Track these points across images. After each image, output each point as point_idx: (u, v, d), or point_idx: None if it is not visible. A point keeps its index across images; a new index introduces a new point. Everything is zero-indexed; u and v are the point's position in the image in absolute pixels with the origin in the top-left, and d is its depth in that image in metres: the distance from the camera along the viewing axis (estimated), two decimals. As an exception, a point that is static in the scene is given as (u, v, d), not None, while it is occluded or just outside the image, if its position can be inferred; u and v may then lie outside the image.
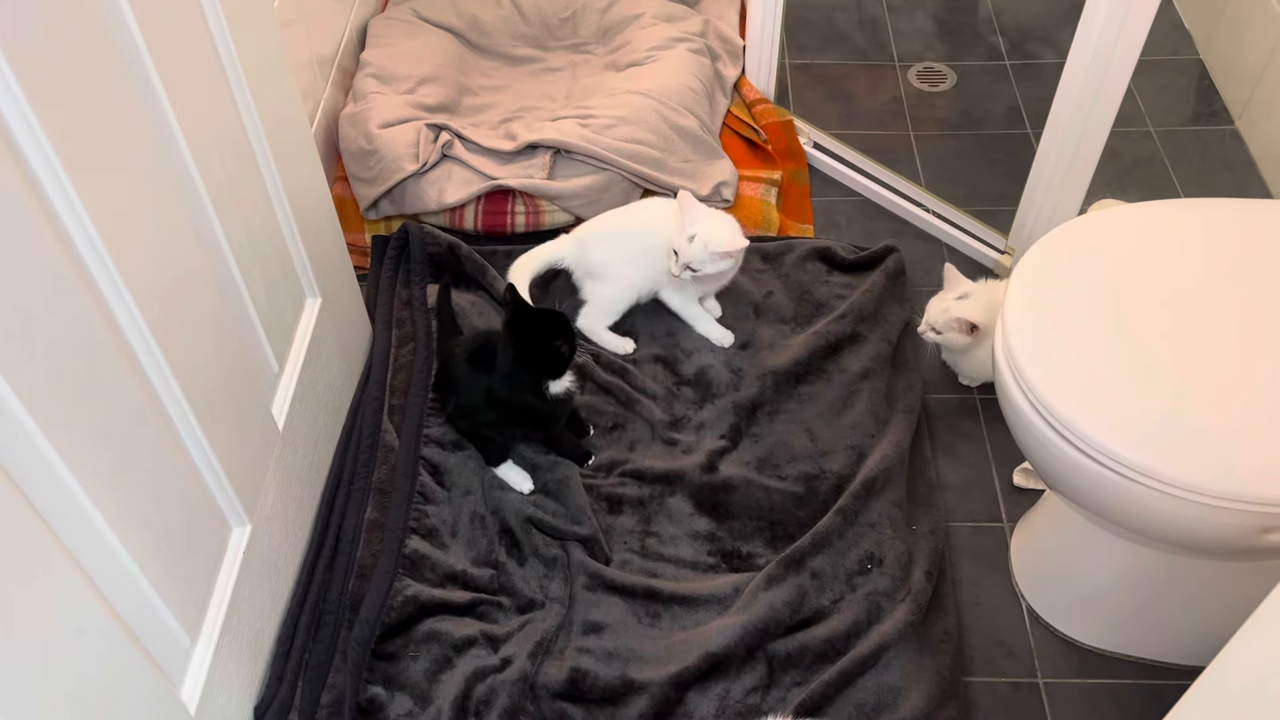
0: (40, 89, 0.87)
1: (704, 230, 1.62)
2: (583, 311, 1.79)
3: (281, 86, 1.38)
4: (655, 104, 1.99)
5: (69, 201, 0.93)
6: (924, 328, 1.67)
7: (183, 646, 1.15)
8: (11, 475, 0.84)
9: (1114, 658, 1.46)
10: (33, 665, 0.86)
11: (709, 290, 1.79)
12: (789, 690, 1.37)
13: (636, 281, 1.76)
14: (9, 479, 0.84)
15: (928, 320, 1.66)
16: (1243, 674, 0.78)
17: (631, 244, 1.74)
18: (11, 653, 0.84)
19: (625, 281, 1.76)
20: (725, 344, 1.77)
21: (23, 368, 0.85)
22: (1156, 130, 2.19)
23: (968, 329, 1.61)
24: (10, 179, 0.85)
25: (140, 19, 1.03)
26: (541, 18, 2.29)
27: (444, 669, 1.38)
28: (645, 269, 1.75)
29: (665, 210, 1.74)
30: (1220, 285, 1.27)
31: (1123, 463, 1.12)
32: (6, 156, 0.85)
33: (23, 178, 0.87)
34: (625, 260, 1.75)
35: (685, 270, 1.64)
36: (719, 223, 1.65)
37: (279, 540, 1.38)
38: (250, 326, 1.33)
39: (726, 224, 1.66)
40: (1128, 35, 1.51)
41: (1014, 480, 1.64)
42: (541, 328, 1.46)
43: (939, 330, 1.64)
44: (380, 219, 1.95)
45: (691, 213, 1.65)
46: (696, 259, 1.63)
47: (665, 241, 1.69)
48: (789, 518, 1.55)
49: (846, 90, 2.32)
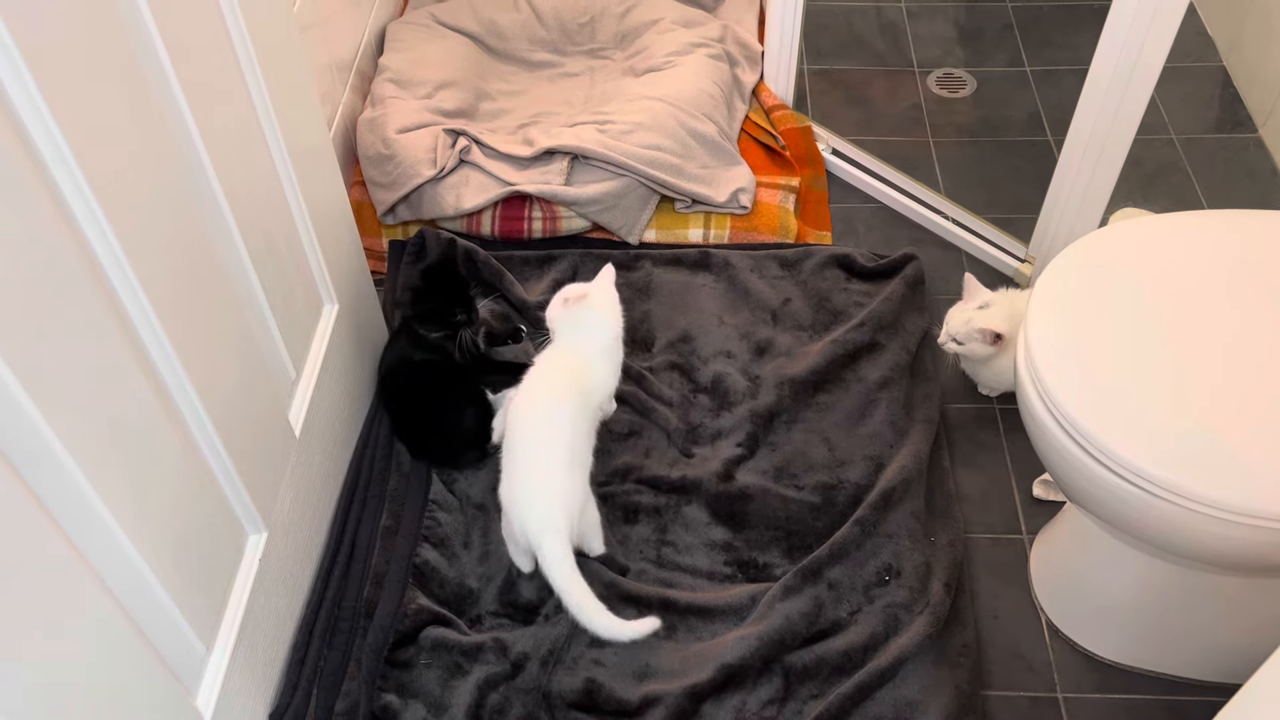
0: (60, 97, 0.87)
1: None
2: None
3: (300, 91, 1.38)
4: (673, 110, 1.98)
5: (88, 207, 0.93)
6: (944, 338, 1.65)
7: (198, 653, 1.15)
8: (27, 481, 0.84)
9: (1134, 673, 1.44)
10: (48, 670, 0.86)
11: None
12: (806, 703, 1.36)
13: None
14: (25, 485, 0.84)
15: (948, 331, 1.64)
16: None
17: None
18: (28, 657, 0.83)
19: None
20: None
21: (40, 375, 0.85)
22: (1179, 138, 2.17)
23: (991, 339, 1.60)
24: (30, 187, 0.85)
25: (161, 25, 1.03)
26: (560, 23, 2.28)
27: (456, 676, 1.38)
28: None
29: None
30: (1246, 298, 1.26)
31: (1146, 478, 1.11)
32: (28, 165, 0.85)
33: (42, 184, 0.87)
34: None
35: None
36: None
37: (294, 547, 1.38)
38: (267, 332, 1.32)
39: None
40: (1153, 42, 1.50)
41: (1034, 492, 1.63)
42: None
43: (960, 341, 1.62)
44: (398, 224, 1.95)
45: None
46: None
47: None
48: (806, 528, 1.54)
49: (865, 96, 2.31)
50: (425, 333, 1.61)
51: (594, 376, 1.50)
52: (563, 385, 1.46)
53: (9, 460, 0.82)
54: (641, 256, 1.93)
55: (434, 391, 1.61)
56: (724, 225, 1.97)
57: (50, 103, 0.86)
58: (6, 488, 0.81)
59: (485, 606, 1.46)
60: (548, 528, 1.34)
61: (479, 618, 1.45)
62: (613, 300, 1.54)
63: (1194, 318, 1.24)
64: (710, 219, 1.97)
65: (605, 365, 1.53)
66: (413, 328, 1.63)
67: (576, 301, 1.49)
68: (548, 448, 1.40)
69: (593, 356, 1.51)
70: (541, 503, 1.36)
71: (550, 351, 1.51)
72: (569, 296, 1.50)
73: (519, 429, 1.42)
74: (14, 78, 0.83)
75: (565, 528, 1.35)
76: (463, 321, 1.61)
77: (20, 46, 0.83)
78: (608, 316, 1.53)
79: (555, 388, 1.46)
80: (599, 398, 1.52)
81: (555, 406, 1.43)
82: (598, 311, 1.51)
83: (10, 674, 0.82)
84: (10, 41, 0.82)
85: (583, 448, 1.44)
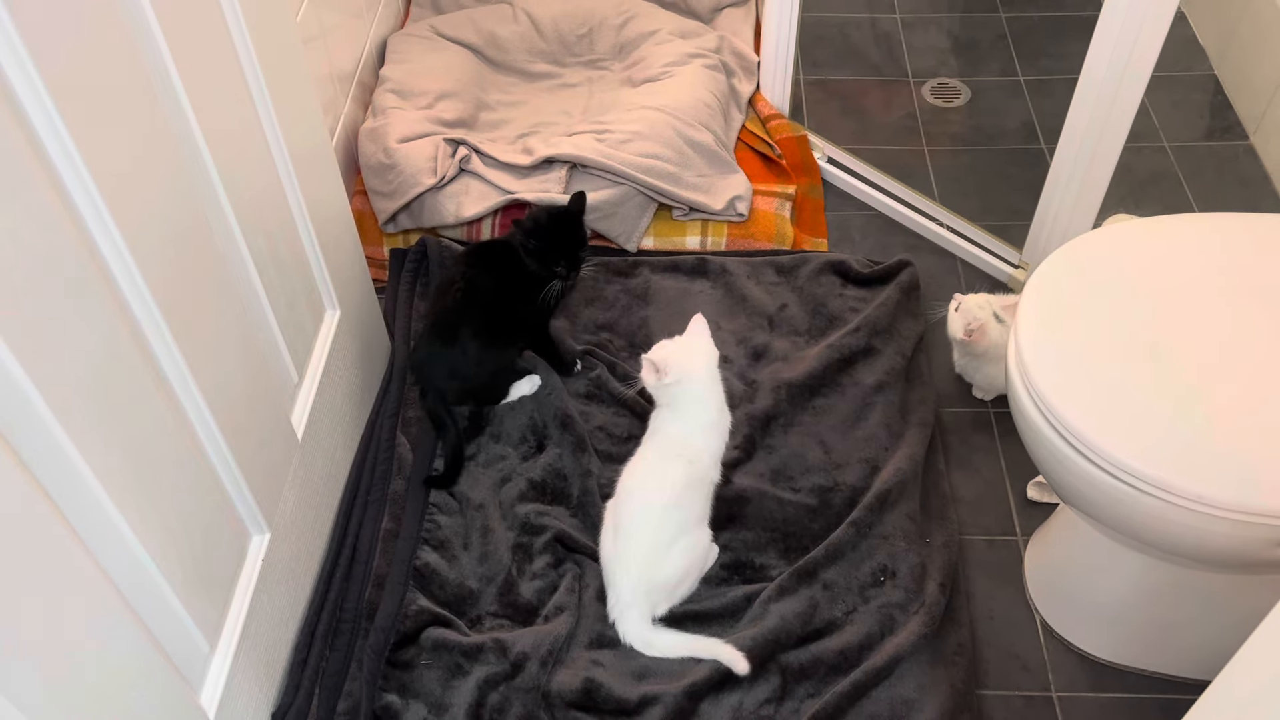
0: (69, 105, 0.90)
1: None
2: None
3: (303, 102, 1.41)
4: (671, 119, 2.01)
5: (96, 210, 0.95)
6: (955, 305, 1.69)
7: (202, 652, 1.16)
8: (39, 480, 0.86)
9: (1128, 671, 1.45)
10: (55, 668, 0.88)
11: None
12: (802, 702, 1.38)
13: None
14: (36, 484, 0.85)
15: (964, 308, 1.67)
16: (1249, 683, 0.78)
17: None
18: (35, 655, 0.85)
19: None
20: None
21: (50, 376, 0.87)
22: (1171, 145, 2.19)
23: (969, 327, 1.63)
24: (43, 194, 0.87)
25: (168, 34, 1.05)
26: (559, 34, 2.31)
27: (456, 676, 1.39)
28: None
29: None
30: (1233, 299, 1.28)
31: (1135, 475, 1.13)
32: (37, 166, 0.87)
33: (55, 190, 0.89)
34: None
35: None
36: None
37: (297, 548, 1.40)
38: (271, 337, 1.34)
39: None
40: (1141, 51, 1.52)
41: (1028, 493, 1.64)
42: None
43: (957, 309, 1.67)
44: (398, 233, 1.98)
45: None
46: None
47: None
48: (802, 530, 1.56)
49: (861, 105, 2.33)
50: (528, 263, 1.62)
51: (695, 445, 1.44)
52: (669, 454, 1.43)
53: (21, 458, 0.84)
54: (640, 263, 1.95)
55: (494, 309, 1.63)
56: (721, 233, 1.99)
57: (61, 109, 0.88)
58: (19, 486, 0.83)
59: (485, 607, 1.48)
60: (621, 607, 1.41)
61: (479, 618, 1.47)
62: (707, 366, 1.44)
63: (1181, 318, 1.26)
64: (708, 226, 1.99)
65: (709, 440, 1.45)
66: (517, 251, 1.63)
67: (667, 377, 1.41)
68: (641, 524, 1.40)
69: (692, 430, 1.44)
70: (623, 579, 1.41)
71: (656, 416, 1.47)
72: (660, 367, 1.40)
73: (624, 494, 1.44)
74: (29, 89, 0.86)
75: (641, 607, 1.41)
76: (560, 274, 1.63)
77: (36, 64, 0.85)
78: (703, 394, 1.43)
79: (659, 457, 1.44)
80: (702, 468, 1.45)
81: (657, 476, 1.42)
82: (692, 390, 1.43)
83: (27, 672, 0.83)
84: (26, 57, 0.85)
85: (683, 516, 1.42)
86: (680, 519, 1.42)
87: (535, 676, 1.38)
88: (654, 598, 1.42)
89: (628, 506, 1.43)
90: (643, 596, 1.41)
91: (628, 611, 1.41)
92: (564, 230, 1.64)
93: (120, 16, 0.99)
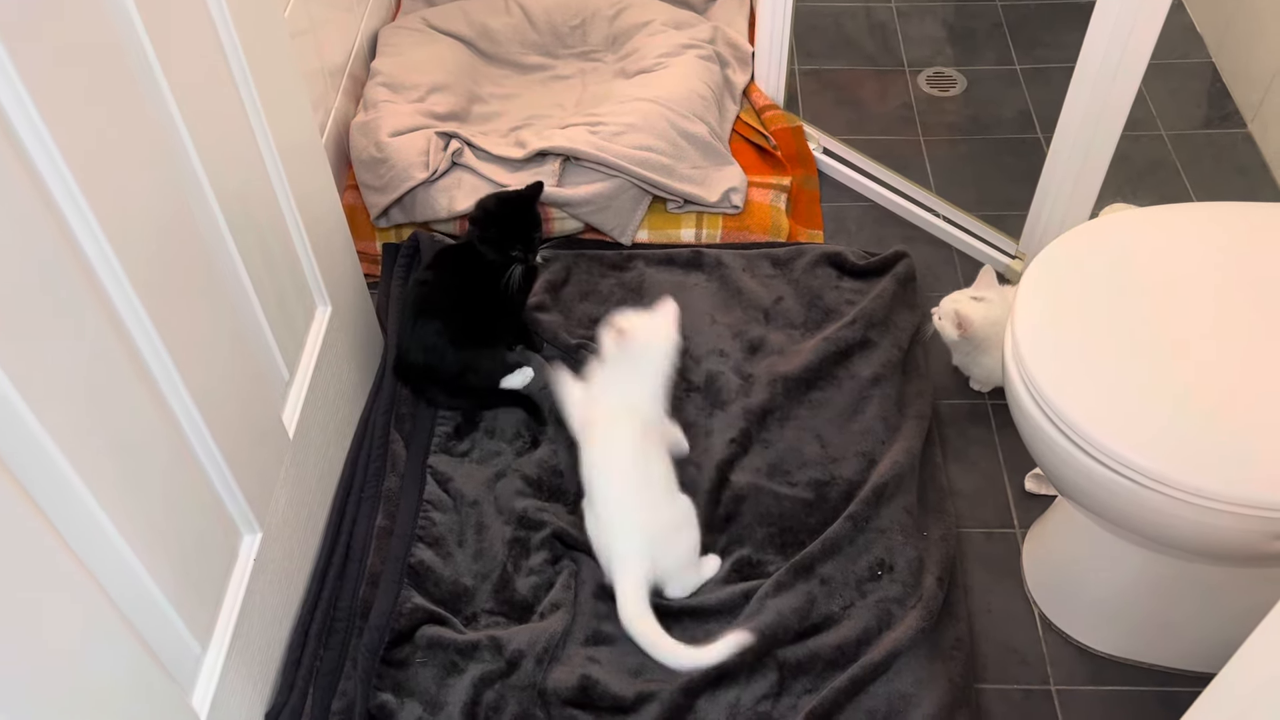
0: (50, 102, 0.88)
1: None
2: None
3: (292, 96, 1.39)
4: (664, 111, 1.99)
5: (77, 207, 0.93)
6: (936, 314, 1.69)
7: (193, 653, 1.15)
8: (22, 482, 0.85)
9: (1127, 664, 1.45)
10: (44, 671, 0.87)
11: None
12: (800, 697, 1.37)
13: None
14: (19, 486, 0.84)
15: (940, 308, 1.68)
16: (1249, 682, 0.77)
17: None
18: (23, 658, 0.84)
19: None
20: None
21: (33, 376, 0.86)
22: (1168, 134, 2.18)
23: (957, 324, 1.62)
24: (20, 187, 0.86)
25: (150, 28, 1.04)
26: (551, 26, 2.30)
27: (452, 674, 1.38)
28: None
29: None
30: (1232, 290, 1.27)
31: (1133, 467, 1.12)
32: (13, 158, 0.85)
33: (31, 183, 0.88)
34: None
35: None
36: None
37: (290, 547, 1.39)
38: (261, 334, 1.33)
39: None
40: (1137, 39, 1.51)
41: (1025, 486, 1.64)
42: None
43: (941, 317, 1.66)
44: (391, 227, 1.96)
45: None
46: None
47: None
48: (799, 524, 1.55)
49: (856, 96, 2.32)
50: (485, 252, 1.64)
51: (639, 402, 1.49)
52: (619, 417, 1.47)
53: (3, 460, 0.83)
54: (634, 257, 1.93)
55: (464, 306, 1.65)
56: (716, 225, 1.98)
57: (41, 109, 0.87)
58: (1, 488, 0.82)
59: (480, 605, 1.47)
60: (616, 565, 1.41)
61: (474, 616, 1.46)
62: (668, 338, 1.51)
63: (1180, 309, 1.25)
64: (702, 219, 1.98)
65: (653, 403, 1.50)
66: (474, 244, 1.65)
67: (626, 334, 1.47)
68: (609, 479, 1.44)
69: (639, 394, 1.49)
70: (617, 539, 1.42)
71: (604, 380, 1.51)
72: (623, 329, 1.47)
73: (588, 463, 1.48)
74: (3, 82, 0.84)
75: (636, 566, 1.40)
76: (518, 258, 1.63)
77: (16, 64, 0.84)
78: (656, 361, 1.49)
79: (609, 422, 1.48)
80: (650, 415, 1.50)
81: (615, 435, 1.46)
82: (648, 354, 1.49)
83: (11, 676, 0.82)
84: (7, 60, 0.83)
85: (651, 459, 1.46)
86: (650, 461, 1.46)
87: (531, 674, 1.37)
88: (656, 550, 1.42)
89: (600, 472, 1.45)
90: (643, 546, 1.41)
91: (626, 564, 1.40)
92: (515, 214, 1.66)
93: (101, 10, 0.97)
